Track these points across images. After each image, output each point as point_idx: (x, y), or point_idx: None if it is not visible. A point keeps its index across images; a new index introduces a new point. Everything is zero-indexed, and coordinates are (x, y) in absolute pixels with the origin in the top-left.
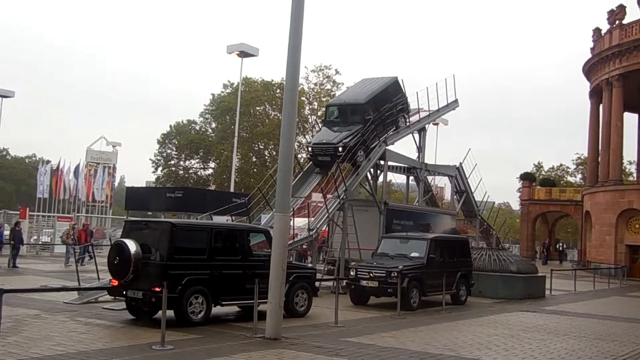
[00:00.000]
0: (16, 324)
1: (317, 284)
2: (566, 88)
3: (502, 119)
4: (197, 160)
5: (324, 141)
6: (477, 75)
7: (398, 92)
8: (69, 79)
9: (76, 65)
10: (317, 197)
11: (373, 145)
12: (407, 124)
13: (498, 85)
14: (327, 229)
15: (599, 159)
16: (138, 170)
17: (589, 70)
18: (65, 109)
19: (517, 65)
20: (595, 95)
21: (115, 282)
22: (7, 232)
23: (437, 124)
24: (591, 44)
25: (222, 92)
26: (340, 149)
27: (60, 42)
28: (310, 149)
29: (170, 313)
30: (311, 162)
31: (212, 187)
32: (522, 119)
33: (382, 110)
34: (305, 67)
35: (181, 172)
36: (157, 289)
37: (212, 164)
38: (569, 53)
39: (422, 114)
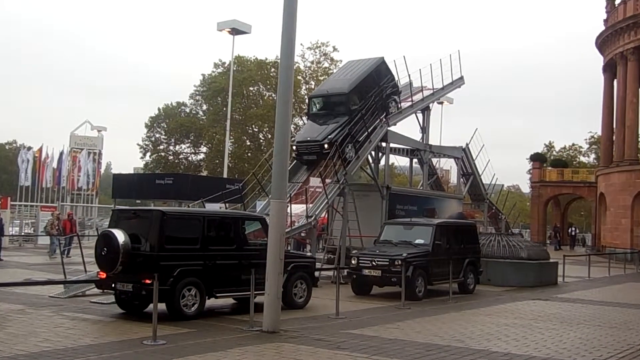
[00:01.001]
0: None
1: (316, 273)
2: (579, 66)
3: (512, 99)
4: (187, 145)
5: (308, 139)
6: (484, 54)
7: (386, 75)
8: (49, 61)
9: (58, 47)
10: (315, 182)
11: (374, 126)
12: (399, 107)
13: (507, 64)
14: (326, 215)
15: (614, 137)
16: (125, 156)
17: (602, 43)
18: (47, 93)
19: (527, 43)
20: (609, 69)
21: (103, 275)
22: None
23: (441, 103)
24: (604, 16)
25: (213, 72)
26: (326, 145)
27: (41, 23)
28: (294, 147)
29: (162, 306)
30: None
31: (204, 173)
32: (533, 98)
33: (368, 98)
34: (301, 44)
35: (171, 157)
36: (148, 281)
37: (203, 149)
38: (583, 30)
39: (426, 93)
